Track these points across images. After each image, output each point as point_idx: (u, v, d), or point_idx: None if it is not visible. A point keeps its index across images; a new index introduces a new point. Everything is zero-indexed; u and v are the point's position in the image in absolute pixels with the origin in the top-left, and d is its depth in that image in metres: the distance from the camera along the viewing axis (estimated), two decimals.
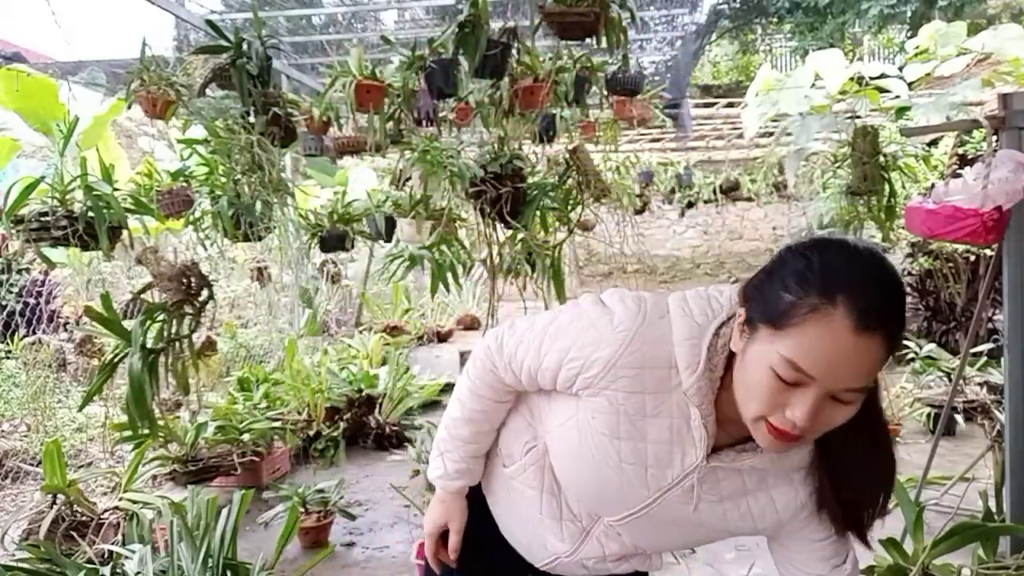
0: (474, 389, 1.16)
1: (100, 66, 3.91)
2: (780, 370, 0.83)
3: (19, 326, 4.57)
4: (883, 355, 0.83)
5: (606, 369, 0.96)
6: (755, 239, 12.58)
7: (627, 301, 0.99)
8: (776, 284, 0.86)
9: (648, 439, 0.97)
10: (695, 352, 0.93)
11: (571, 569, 1.17)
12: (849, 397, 0.84)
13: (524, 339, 1.09)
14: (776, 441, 0.87)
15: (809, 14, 11.95)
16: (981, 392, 3.68)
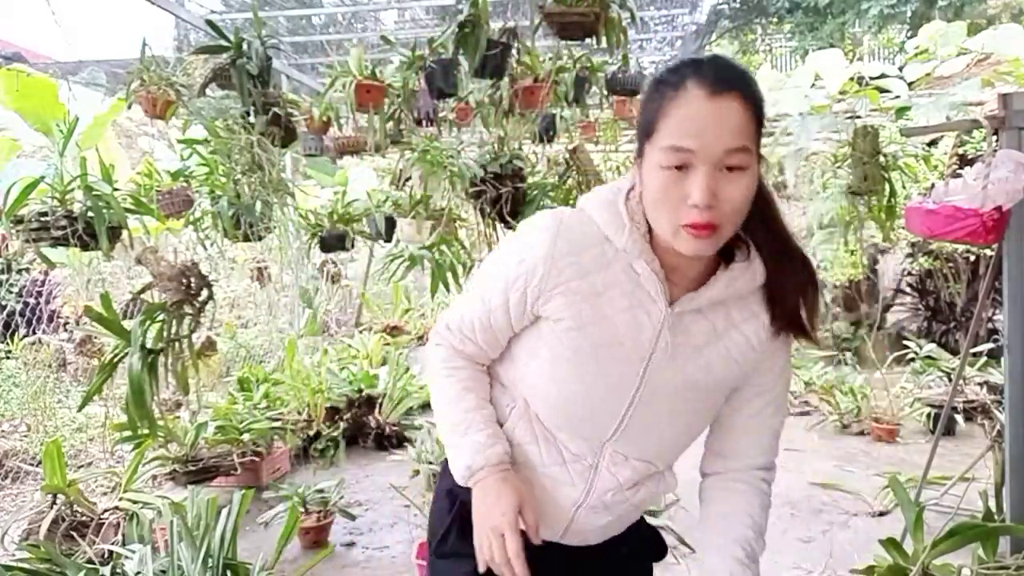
0: (448, 373, 1.14)
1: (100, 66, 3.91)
2: (666, 160, 0.92)
3: (19, 326, 4.57)
4: (747, 115, 0.92)
5: (547, 266, 1.01)
6: None
7: (540, 213, 1.07)
8: (640, 111, 0.99)
9: (611, 314, 1.01)
10: (616, 215, 1.02)
11: (594, 518, 1.13)
12: (736, 161, 0.91)
13: (464, 305, 1.13)
14: (698, 237, 0.93)
15: (809, 14, 11.94)
16: (981, 392, 3.68)
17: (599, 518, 1.13)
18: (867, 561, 2.42)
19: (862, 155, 2.95)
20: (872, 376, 5.07)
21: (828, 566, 2.85)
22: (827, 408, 4.88)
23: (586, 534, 1.15)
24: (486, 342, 1.11)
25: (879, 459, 4.12)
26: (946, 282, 5.79)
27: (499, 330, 1.09)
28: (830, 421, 4.76)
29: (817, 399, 5.20)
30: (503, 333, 1.10)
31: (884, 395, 4.66)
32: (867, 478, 3.79)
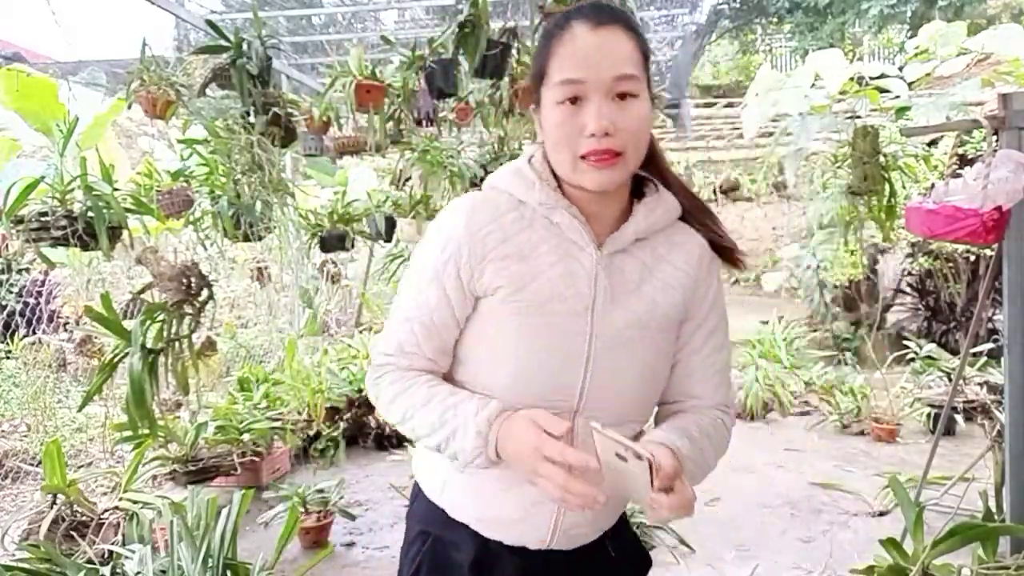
0: (406, 386, 1.05)
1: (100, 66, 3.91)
2: (559, 95, 0.95)
3: (19, 326, 4.57)
4: (632, 44, 0.96)
5: (470, 241, 1.01)
6: (755, 239, 12.57)
7: (448, 205, 1.09)
8: (532, 61, 1.03)
9: (544, 270, 1.01)
10: (523, 177, 1.05)
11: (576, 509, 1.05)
12: (626, 87, 0.95)
13: (398, 324, 1.08)
14: (599, 167, 0.96)
15: (809, 14, 11.95)
16: (981, 392, 3.68)
17: None
18: (867, 561, 2.42)
19: (862, 155, 2.95)
20: (872, 376, 5.07)
21: (828, 566, 2.85)
22: (827, 408, 4.88)
23: (577, 529, 1.09)
24: (434, 350, 1.06)
25: (879, 459, 4.12)
26: (946, 282, 5.79)
27: (444, 329, 1.05)
28: (830, 421, 4.77)
29: (817, 399, 5.20)
30: (449, 332, 1.06)
31: (884, 395, 4.66)
32: (867, 478, 3.79)
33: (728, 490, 3.70)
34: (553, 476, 0.90)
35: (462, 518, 1.11)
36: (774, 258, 9.12)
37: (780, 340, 5.94)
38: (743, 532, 3.19)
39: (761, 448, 4.42)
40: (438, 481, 1.14)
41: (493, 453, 0.97)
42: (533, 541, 1.08)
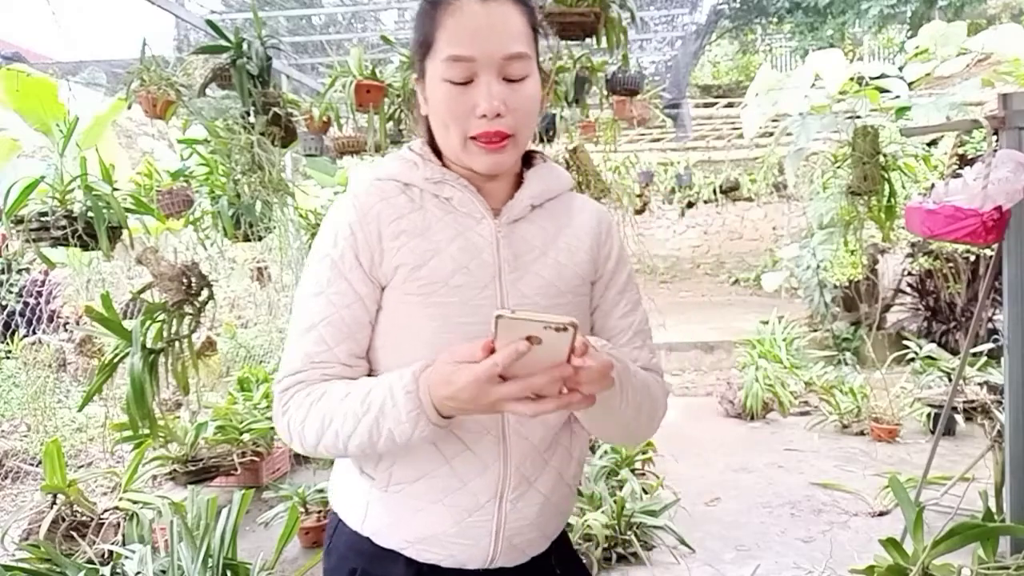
0: (320, 394, 0.93)
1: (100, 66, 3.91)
2: (449, 74, 0.91)
3: (19, 326, 4.58)
4: (523, 19, 0.93)
5: (362, 224, 0.96)
6: (755, 239, 12.58)
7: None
8: (415, 29, 0.98)
9: (444, 246, 0.97)
10: (405, 160, 1.02)
11: (524, 507, 0.99)
12: (517, 70, 0.92)
13: (303, 338, 0.96)
14: (491, 150, 0.93)
15: (809, 14, 11.95)
16: (981, 392, 3.68)
17: (529, 504, 0.99)
18: (867, 561, 2.42)
19: (862, 155, 2.94)
20: (872, 376, 5.08)
21: (828, 566, 2.85)
22: (827, 408, 4.88)
23: (521, 537, 1.00)
24: (347, 353, 0.96)
25: (879, 459, 4.12)
26: (946, 282, 5.79)
27: (356, 326, 0.96)
28: (830, 421, 4.77)
29: (817, 399, 5.20)
30: (361, 329, 0.97)
31: (884, 395, 4.66)
32: (867, 478, 3.79)
33: (728, 490, 3.70)
34: (512, 392, 0.79)
35: (392, 543, 0.99)
36: (774, 258, 9.11)
37: (780, 340, 5.94)
38: (743, 532, 3.19)
39: (761, 448, 4.42)
40: (360, 506, 1.02)
41: (433, 411, 0.84)
42: (475, 558, 0.98)
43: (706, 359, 7.04)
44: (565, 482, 1.04)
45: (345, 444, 0.90)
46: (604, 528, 2.84)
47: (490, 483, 0.96)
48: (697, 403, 5.60)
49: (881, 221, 3.09)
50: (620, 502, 2.94)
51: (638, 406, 0.96)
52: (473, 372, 0.79)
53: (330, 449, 0.93)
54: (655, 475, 3.58)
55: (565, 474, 1.04)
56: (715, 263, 12.58)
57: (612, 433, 1.03)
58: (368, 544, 1.01)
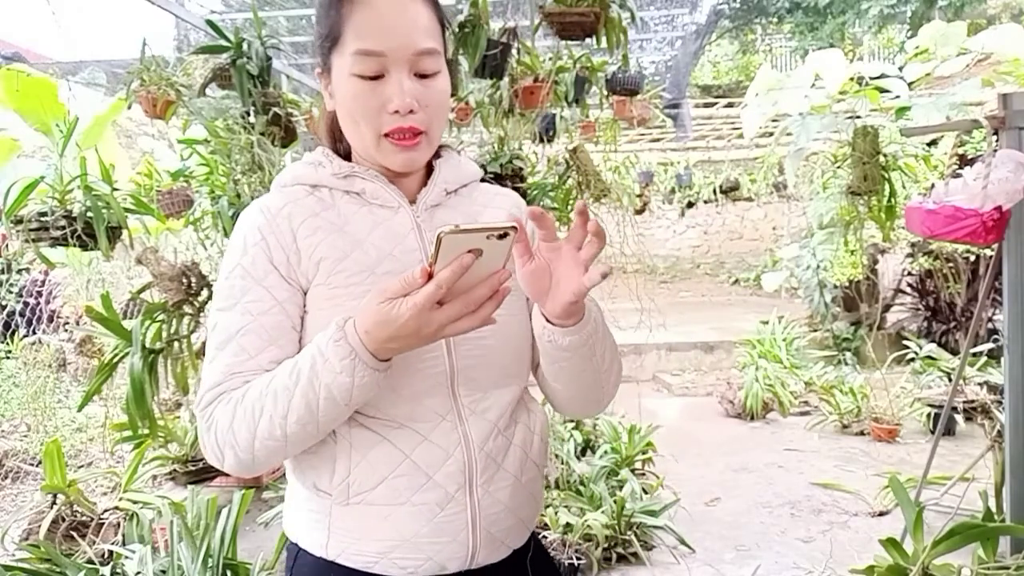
0: (243, 393, 0.87)
1: (100, 66, 3.92)
2: (358, 68, 0.89)
3: (19, 326, 4.58)
4: (431, 15, 0.92)
5: (271, 227, 0.92)
6: (755, 239, 12.59)
7: None
8: (319, 20, 0.94)
9: (364, 237, 0.94)
10: (309, 163, 1.00)
11: (496, 491, 0.94)
12: (428, 66, 0.91)
13: (216, 344, 0.91)
14: (405, 147, 0.92)
15: (809, 14, 11.95)
16: (981, 392, 3.68)
17: (501, 487, 0.95)
18: (867, 561, 2.42)
19: (862, 155, 2.94)
20: (872, 376, 5.08)
21: (828, 566, 2.85)
22: (827, 408, 4.88)
23: (500, 526, 0.95)
24: (270, 360, 0.89)
25: (879, 459, 4.12)
26: (946, 282, 5.79)
27: (278, 332, 0.90)
28: (830, 421, 4.77)
29: (817, 399, 5.21)
30: (285, 336, 0.91)
31: (884, 395, 4.66)
32: (867, 478, 3.79)
33: (728, 490, 3.70)
34: (454, 312, 0.77)
35: (362, 561, 0.92)
36: (774, 258, 9.12)
37: (780, 340, 5.94)
38: (743, 532, 3.19)
39: (761, 448, 4.42)
40: (320, 528, 0.94)
41: (368, 356, 0.79)
42: (455, 557, 0.92)
43: (706, 359, 7.04)
44: (531, 460, 1.00)
45: (283, 428, 0.83)
46: (604, 528, 2.84)
47: (456, 471, 0.91)
48: (697, 403, 5.60)
49: (881, 221, 3.09)
50: (620, 502, 2.94)
51: (612, 347, 0.95)
52: (413, 302, 0.75)
53: (267, 443, 0.84)
54: (655, 475, 3.58)
55: (529, 452, 1.00)
56: (715, 263, 12.58)
57: (583, 388, 0.96)
58: (335, 569, 0.93)
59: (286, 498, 1.02)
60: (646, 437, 3.71)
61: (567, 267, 0.82)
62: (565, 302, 0.82)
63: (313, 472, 0.92)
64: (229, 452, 0.87)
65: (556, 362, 0.92)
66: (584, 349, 0.89)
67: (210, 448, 0.88)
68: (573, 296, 0.81)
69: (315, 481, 0.93)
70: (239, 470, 0.89)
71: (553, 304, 0.84)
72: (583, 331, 0.87)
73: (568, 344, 0.88)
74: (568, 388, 0.97)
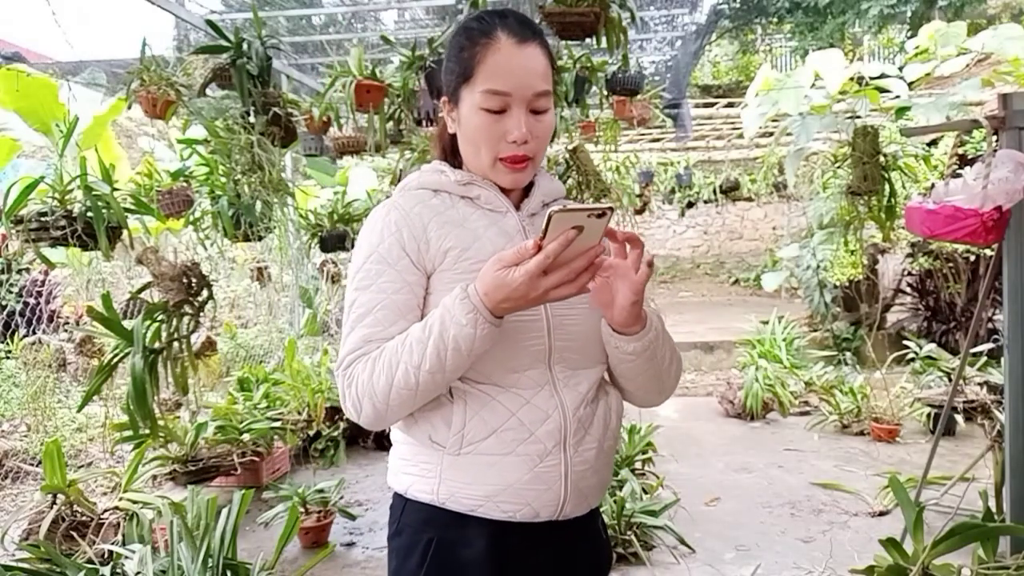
0: (378, 354, 1.03)
1: (100, 66, 3.91)
2: (486, 104, 1.06)
3: (19, 326, 4.58)
4: (547, 61, 1.09)
5: (405, 220, 1.09)
6: (755, 239, 12.58)
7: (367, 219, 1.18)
8: (452, 58, 1.11)
9: (481, 234, 1.11)
10: (432, 171, 1.17)
11: (584, 451, 1.09)
12: (542, 104, 1.08)
13: (354, 317, 1.07)
14: (515, 170, 1.10)
15: (809, 14, 11.95)
16: (981, 392, 3.68)
17: (588, 448, 1.10)
18: (867, 561, 2.42)
19: (862, 155, 2.95)
20: (872, 376, 5.08)
21: (828, 566, 2.85)
22: (827, 408, 4.88)
23: (585, 482, 1.10)
24: (401, 331, 1.04)
25: (879, 459, 4.12)
26: (946, 282, 5.79)
27: (408, 310, 1.07)
28: (830, 421, 4.77)
29: (817, 399, 5.21)
30: (412, 311, 1.07)
31: (884, 395, 4.66)
32: (867, 478, 3.79)
33: (728, 490, 3.70)
34: (558, 278, 0.93)
35: (468, 505, 1.07)
36: (774, 258, 9.12)
37: (780, 340, 5.94)
38: (743, 532, 3.19)
39: (761, 448, 4.42)
40: (432, 475, 1.09)
41: (487, 312, 0.95)
42: (548, 505, 1.07)
43: (706, 359, 7.04)
44: (611, 430, 1.15)
45: (416, 377, 0.99)
46: None
47: (553, 430, 1.07)
48: (697, 403, 5.60)
49: (881, 221, 3.09)
50: (620, 502, 2.94)
51: (672, 350, 1.12)
52: (525, 268, 0.91)
53: (402, 392, 1.00)
54: (655, 475, 3.58)
55: (610, 423, 1.15)
56: (715, 263, 12.58)
57: (645, 384, 1.14)
58: (442, 514, 1.09)
59: (392, 457, 1.17)
60: (646, 437, 3.71)
61: (622, 275, 0.99)
62: (627, 304, 1.00)
63: (429, 426, 1.07)
64: (367, 403, 1.02)
65: (622, 363, 1.10)
66: (647, 353, 1.07)
67: (350, 401, 1.04)
68: (634, 295, 0.98)
69: (431, 434, 1.07)
70: (375, 420, 1.04)
71: (619, 312, 1.01)
72: (645, 338, 1.05)
73: (632, 350, 1.06)
74: (632, 384, 1.14)
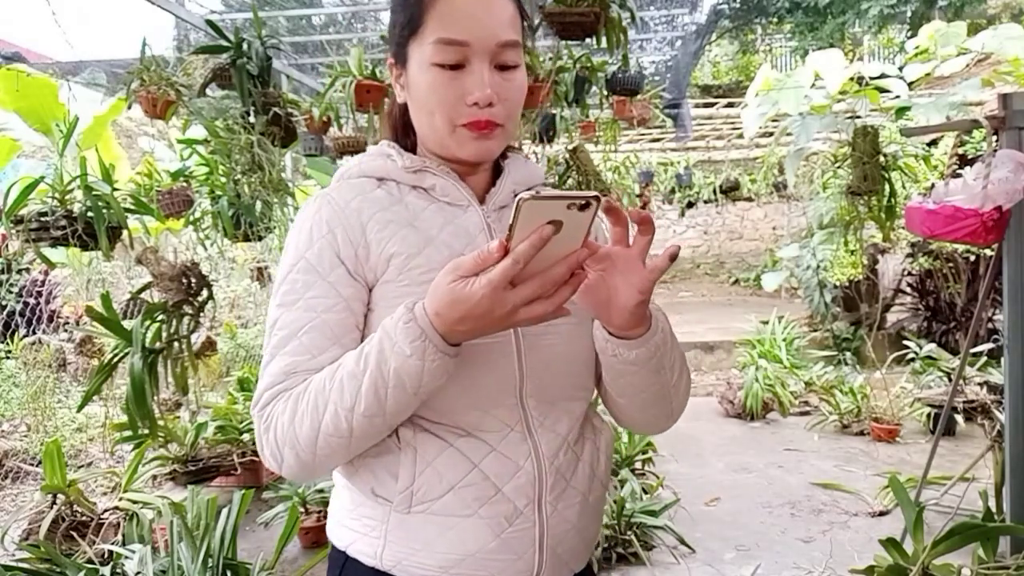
0: (305, 387, 0.82)
1: (100, 66, 3.91)
2: (439, 58, 0.85)
3: (19, 326, 4.58)
4: (514, 7, 0.89)
5: (342, 215, 0.88)
6: (755, 239, 12.58)
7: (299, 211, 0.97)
8: (396, 8, 0.91)
9: (435, 234, 0.90)
10: (377, 154, 0.96)
11: (563, 509, 0.89)
12: (510, 58, 0.87)
13: (277, 343, 0.86)
14: (482, 136, 0.88)
15: (809, 14, 11.95)
16: (981, 392, 3.68)
17: (569, 505, 0.90)
18: (867, 561, 2.42)
19: (862, 155, 2.95)
20: (872, 376, 5.08)
21: (828, 566, 2.85)
22: (827, 408, 4.88)
23: (565, 546, 0.90)
24: (333, 360, 0.83)
25: (879, 459, 4.12)
26: (946, 282, 5.79)
27: (341, 330, 0.85)
28: (830, 421, 4.77)
29: (817, 399, 5.21)
30: (348, 334, 0.86)
31: (884, 395, 4.66)
32: (867, 478, 3.79)
33: (728, 490, 3.70)
34: (529, 292, 0.70)
35: (420, 574, 0.86)
36: (774, 258, 9.12)
37: (780, 340, 5.94)
38: (743, 532, 3.19)
39: (761, 448, 4.42)
40: (375, 535, 0.88)
41: (438, 338, 0.74)
42: (521, 564, 0.87)
43: (706, 359, 7.04)
44: (598, 479, 0.95)
45: (349, 422, 0.78)
46: (604, 528, 2.84)
47: (525, 485, 0.86)
48: (697, 403, 5.60)
49: (881, 221, 3.09)
50: (620, 502, 2.94)
51: (681, 360, 0.90)
52: (488, 279, 0.69)
53: (331, 440, 0.79)
54: (655, 475, 3.58)
55: (597, 470, 0.95)
56: (715, 263, 12.58)
57: (650, 403, 0.91)
58: None
59: (332, 502, 0.97)
60: (646, 437, 3.72)
61: (623, 268, 0.76)
62: (631, 304, 0.77)
63: (371, 476, 0.87)
64: (289, 452, 0.81)
65: (621, 376, 0.87)
66: (652, 363, 0.84)
67: (268, 450, 0.83)
68: (639, 295, 0.76)
69: (373, 486, 0.87)
70: (299, 472, 0.83)
71: (618, 313, 0.79)
72: (650, 343, 0.82)
73: (635, 358, 0.83)
74: (634, 403, 0.92)
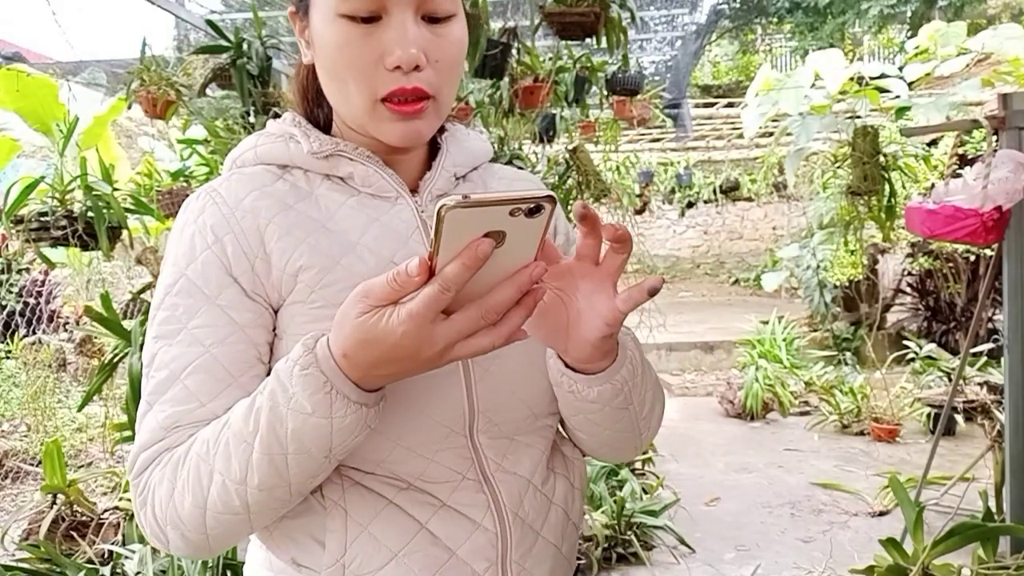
0: (188, 446, 0.63)
1: (100, 66, 3.91)
2: (347, 6, 0.65)
3: (19, 326, 4.58)
4: None
5: (232, 219, 0.68)
6: (755, 239, 12.58)
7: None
8: None
9: (356, 236, 0.70)
10: (278, 133, 0.77)
11: (533, 564, 0.72)
12: (442, 7, 0.67)
13: (155, 386, 0.66)
14: (406, 115, 0.68)
15: (809, 14, 11.95)
16: (981, 392, 3.68)
17: (540, 562, 0.73)
18: (867, 561, 2.42)
19: (862, 155, 2.95)
20: (872, 376, 5.07)
21: (828, 566, 2.85)
22: (827, 408, 4.88)
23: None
24: (226, 407, 0.64)
25: (879, 459, 4.12)
26: (946, 282, 5.79)
27: (239, 367, 0.66)
28: (830, 421, 4.77)
29: (817, 399, 5.21)
30: (247, 370, 0.67)
31: (884, 395, 4.66)
32: (867, 478, 3.79)
33: (728, 490, 3.70)
34: (468, 324, 0.53)
35: None
36: (774, 258, 9.12)
37: (780, 340, 5.94)
38: (743, 532, 3.19)
39: (761, 448, 4.42)
40: None
41: (350, 386, 0.56)
42: None
43: (706, 359, 7.04)
44: (572, 522, 0.78)
45: (243, 497, 0.60)
46: (604, 528, 2.84)
47: (486, 544, 0.69)
48: (697, 403, 5.60)
49: (881, 221, 3.09)
50: (620, 502, 2.94)
51: (655, 388, 0.75)
52: (409, 311, 0.51)
53: (222, 518, 0.61)
54: (655, 475, 3.58)
55: (571, 512, 0.78)
56: (715, 263, 12.58)
57: (614, 438, 0.75)
58: None
59: (247, 566, 0.77)
60: None
61: (588, 289, 0.61)
62: (594, 338, 0.61)
63: (291, 544, 0.69)
64: (174, 532, 0.63)
65: (580, 414, 0.71)
66: (618, 400, 0.68)
67: (148, 528, 0.65)
68: (606, 328, 0.60)
69: (294, 555, 0.69)
70: (194, 553, 0.65)
71: (578, 345, 0.63)
72: (615, 378, 0.66)
73: (596, 396, 0.67)
74: (594, 439, 0.76)
